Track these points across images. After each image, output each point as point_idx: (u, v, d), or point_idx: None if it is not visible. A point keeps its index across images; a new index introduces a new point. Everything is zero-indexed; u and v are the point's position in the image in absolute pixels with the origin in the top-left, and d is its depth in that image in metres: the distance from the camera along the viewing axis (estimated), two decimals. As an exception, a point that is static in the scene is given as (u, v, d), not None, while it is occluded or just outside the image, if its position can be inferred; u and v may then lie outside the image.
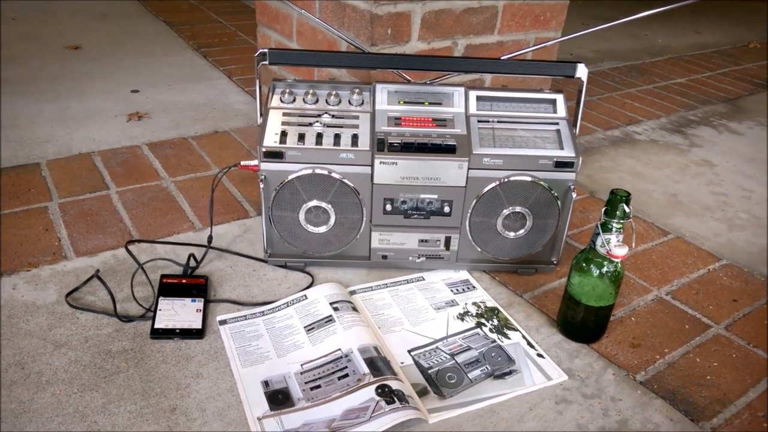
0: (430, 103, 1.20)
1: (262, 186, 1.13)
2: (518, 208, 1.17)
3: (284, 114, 1.16)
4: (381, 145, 1.12)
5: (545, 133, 1.18)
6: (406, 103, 1.19)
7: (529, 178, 1.15)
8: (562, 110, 1.20)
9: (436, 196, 1.17)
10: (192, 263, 1.22)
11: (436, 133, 1.15)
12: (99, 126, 1.84)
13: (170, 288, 1.14)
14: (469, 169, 1.14)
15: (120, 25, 2.80)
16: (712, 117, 2.28)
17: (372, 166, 1.13)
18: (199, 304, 1.11)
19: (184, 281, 1.16)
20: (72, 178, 1.55)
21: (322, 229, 1.18)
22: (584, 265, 1.04)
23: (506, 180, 1.15)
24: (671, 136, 2.08)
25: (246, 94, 2.15)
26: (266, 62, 1.14)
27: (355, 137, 1.14)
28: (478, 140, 1.15)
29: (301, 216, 1.17)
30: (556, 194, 1.16)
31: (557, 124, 1.19)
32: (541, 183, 1.15)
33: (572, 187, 1.17)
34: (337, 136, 1.13)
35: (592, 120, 2.15)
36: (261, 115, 1.17)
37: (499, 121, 1.18)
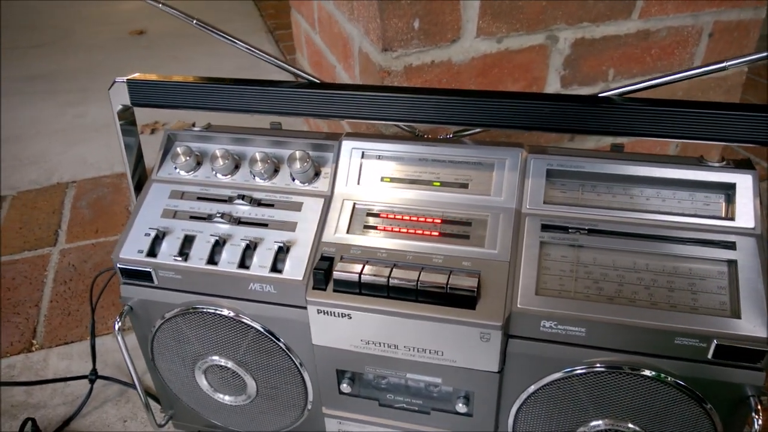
0: (443, 184, 0.59)
1: (117, 325, 0.62)
2: (621, 426, 0.53)
3: (172, 194, 0.64)
4: (321, 276, 0.55)
5: (700, 267, 0.51)
6: (394, 180, 0.60)
7: (649, 373, 0.50)
8: (748, 214, 0.53)
9: (439, 380, 0.57)
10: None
11: (443, 255, 0.55)
12: (104, 141, 1.47)
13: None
14: (508, 338, 0.52)
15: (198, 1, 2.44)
16: None
17: (307, 312, 0.56)
18: None
19: (18, 462, 0.71)
20: (24, 224, 1.18)
21: (239, 400, 0.65)
22: None
23: (593, 371, 0.52)
24: None
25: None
26: (128, 104, 0.62)
27: (282, 251, 0.58)
28: (534, 276, 0.52)
29: (199, 377, 0.65)
30: (710, 408, 0.51)
31: (732, 247, 0.52)
32: (679, 385, 0.50)
33: (755, 399, 0.50)
34: (249, 247, 0.58)
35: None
36: (136, 196, 0.65)
37: (591, 231, 0.54)
